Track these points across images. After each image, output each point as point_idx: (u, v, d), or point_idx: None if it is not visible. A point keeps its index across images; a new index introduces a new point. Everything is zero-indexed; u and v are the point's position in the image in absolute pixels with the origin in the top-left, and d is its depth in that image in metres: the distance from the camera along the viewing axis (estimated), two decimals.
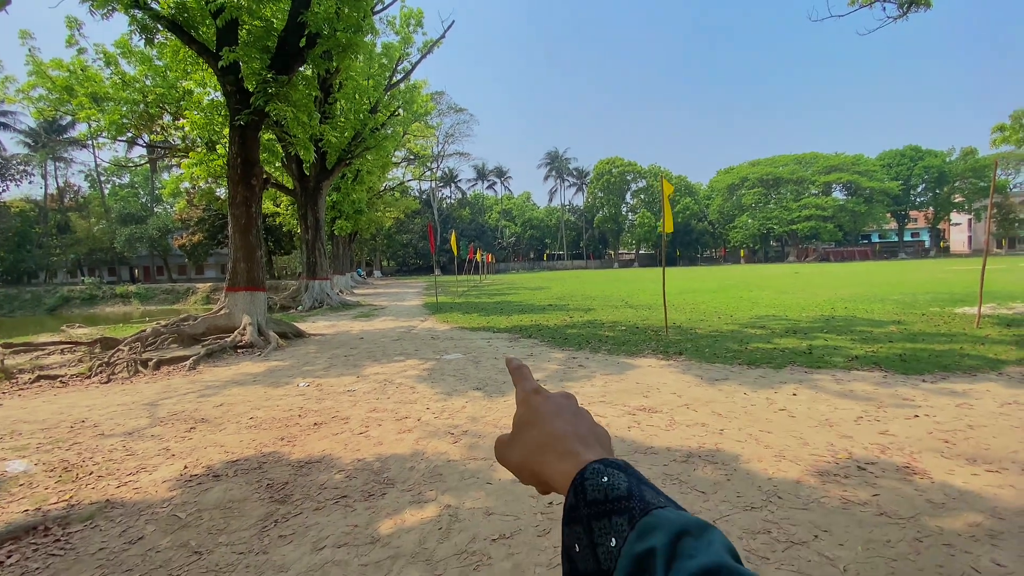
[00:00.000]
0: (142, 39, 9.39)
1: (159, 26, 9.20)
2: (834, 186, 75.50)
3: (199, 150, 15.09)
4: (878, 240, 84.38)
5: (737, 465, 3.38)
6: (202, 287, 39.77)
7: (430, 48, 18.38)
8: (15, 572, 2.50)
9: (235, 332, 9.17)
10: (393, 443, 4.07)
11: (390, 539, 2.65)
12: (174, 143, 16.88)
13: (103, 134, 14.03)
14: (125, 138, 15.27)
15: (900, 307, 11.63)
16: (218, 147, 14.80)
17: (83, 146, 51.89)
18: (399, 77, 19.21)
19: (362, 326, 12.29)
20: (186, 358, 7.84)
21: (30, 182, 51.93)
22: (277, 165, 18.28)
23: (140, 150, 20.56)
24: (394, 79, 18.96)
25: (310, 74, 11.87)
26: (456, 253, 22.47)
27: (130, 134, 15.09)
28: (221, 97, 12.19)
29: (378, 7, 13.36)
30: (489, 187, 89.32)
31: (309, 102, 10.63)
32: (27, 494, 3.35)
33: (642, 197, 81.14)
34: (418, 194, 70.95)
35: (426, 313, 14.98)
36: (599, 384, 5.63)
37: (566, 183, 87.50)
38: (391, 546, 2.59)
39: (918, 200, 75.81)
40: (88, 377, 7.09)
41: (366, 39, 9.95)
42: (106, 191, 58.23)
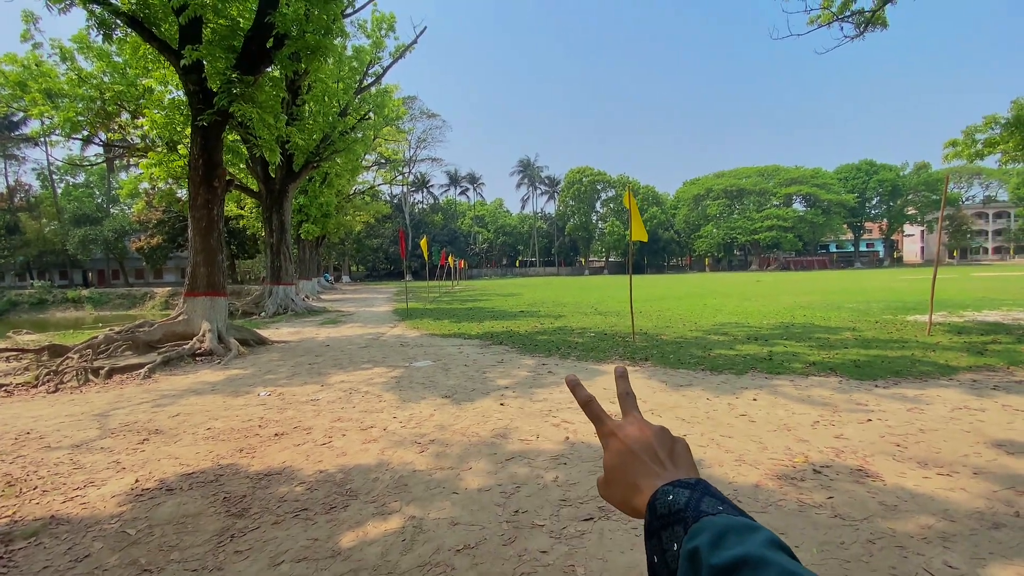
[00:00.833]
0: (100, 35, 9.04)
1: (118, 22, 8.88)
2: (794, 198, 78.59)
3: (159, 150, 14.58)
4: (835, 250, 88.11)
5: (699, 470, 3.45)
6: (160, 292, 38.27)
7: (402, 53, 18.30)
8: None
9: (194, 339, 8.85)
10: (357, 453, 4.00)
11: (351, 552, 2.60)
12: (133, 142, 16.26)
13: (57, 131, 13.43)
14: (80, 136, 14.63)
15: (855, 315, 12.14)
16: (179, 147, 14.33)
17: (35, 144, 49.33)
18: (370, 81, 19.02)
19: (328, 333, 12.05)
20: (141, 366, 7.51)
21: None
22: (241, 167, 17.81)
23: (96, 149, 19.72)
24: (365, 82, 18.77)
25: (277, 75, 11.64)
26: (428, 258, 22.29)
27: (86, 132, 14.48)
28: (183, 96, 11.82)
29: (348, 10, 13.24)
30: (462, 193, 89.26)
31: (276, 103, 10.42)
32: None
33: (611, 206, 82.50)
34: (389, 199, 70.29)
35: (395, 319, 14.80)
36: (567, 391, 5.66)
37: (538, 191, 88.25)
38: (352, 560, 2.54)
39: (873, 212, 79.62)
40: (35, 386, 6.72)
41: (336, 42, 9.84)
42: (59, 191, 55.51)
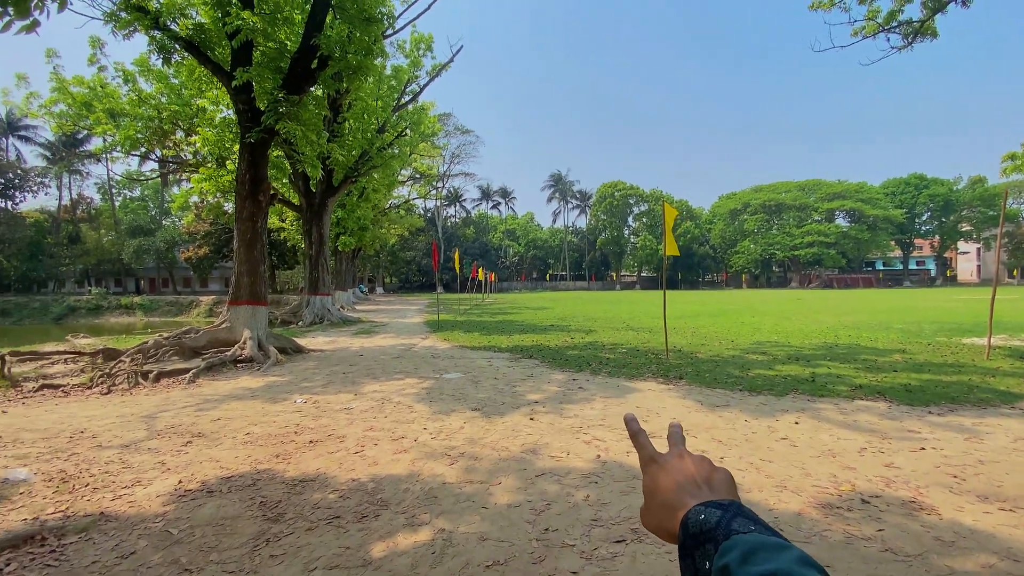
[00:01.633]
0: (160, 58, 9.66)
1: (177, 46, 9.46)
2: (837, 213, 75.84)
3: (209, 165, 15.35)
4: (882, 268, 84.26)
5: (738, 494, 3.33)
6: (205, 299, 39.98)
7: (438, 71, 18.77)
8: None
9: (236, 346, 9.18)
10: (389, 463, 4.04)
11: (382, 562, 2.62)
12: (185, 158, 17.19)
13: (117, 148, 14.32)
14: (138, 153, 15.57)
15: (905, 336, 11.55)
16: (228, 163, 15.05)
17: (98, 160, 52.76)
18: (407, 99, 19.58)
19: (362, 343, 12.29)
20: (186, 371, 7.84)
21: (46, 194, 52.73)
22: (284, 181, 18.54)
23: (152, 164, 20.93)
24: (402, 100, 19.33)
25: (320, 94, 12.14)
26: (459, 271, 22.56)
27: (143, 149, 15.39)
28: (233, 115, 12.44)
29: (389, 31, 13.70)
30: (494, 207, 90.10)
31: (318, 121, 10.84)
32: (26, 503, 3.34)
33: (644, 220, 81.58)
34: (423, 212, 71.59)
35: (427, 331, 14.98)
36: (599, 407, 5.60)
37: (569, 205, 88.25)
38: (383, 570, 2.55)
39: (923, 228, 75.97)
40: (89, 388, 7.10)
41: (376, 62, 10.19)
42: (117, 203, 59.03)
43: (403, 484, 3.61)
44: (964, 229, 72.30)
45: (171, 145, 16.44)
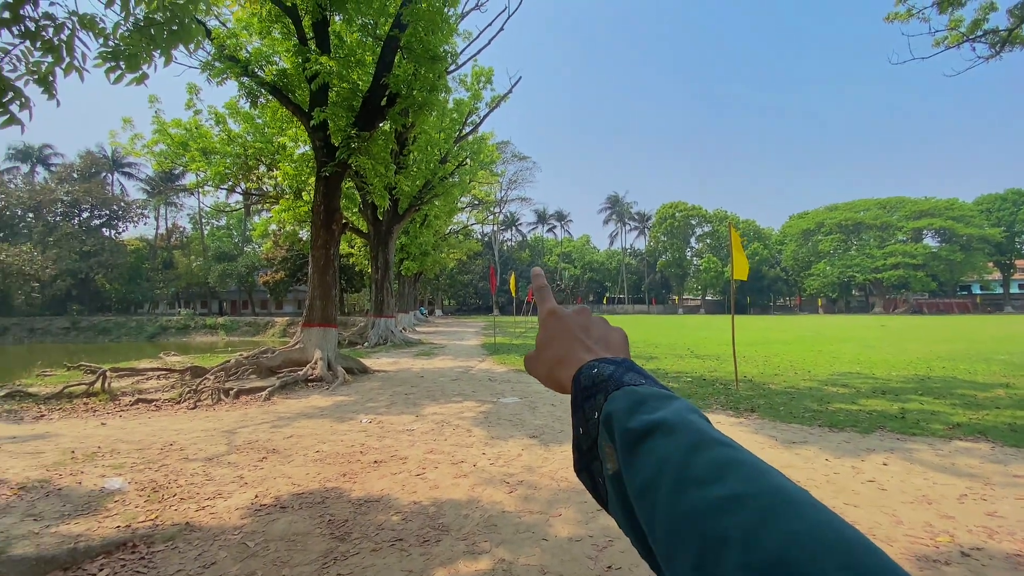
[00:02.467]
0: (248, 101, 10.64)
1: (263, 90, 10.40)
2: (925, 232, 69.92)
3: (288, 197, 16.56)
4: (980, 292, 76.26)
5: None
6: (280, 321, 42.58)
7: (498, 103, 19.38)
8: None
9: (307, 366, 9.69)
10: (449, 488, 4.08)
11: None
12: (266, 191, 18.64)
13: (208, 183, 15.75)
14: (226, 186, 17.06)
15: (1009, 368, 10.35)
16: (304, 194, 16.17)
17: (190, 193, 58.37)
18: (468, 129, 20.30)
19: (423, 364, 12.59)
20: (263, 389, 8.35)
21: (145, 223, 58.95)
22: (354, 210, 19.63)
23: (237, 196, 22.82)
24: (463, 131, 20.07)
25: (388, 129, 12.85)
26: (515, 294, 22.72)
27: (230, 183, 16.84)
28: (310, 151, 13.41)
29: (452, 68, 14.36)
30: (549, 230, 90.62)
31: (386, 154, 11.48)
32: (120, 511, 3.65)
33: (708, 242, 78.99)
34: (480, 237, 73.13)
35: (484, 353, 15.12)
36: None
37: (627, 227, 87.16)
38: None
39: None
40: (178, 403, 7.72)
41: (440, 97, 10.69)
42: (206, 232, 64.77)
43: (463, 510, 3.63)
44: None
45: (254, 179, 17.90)
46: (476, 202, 38.75)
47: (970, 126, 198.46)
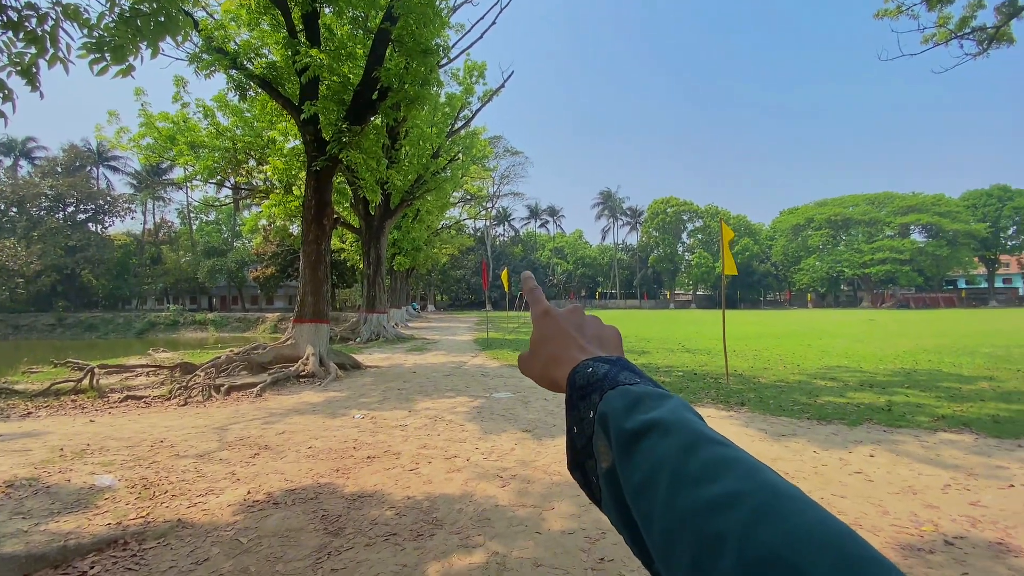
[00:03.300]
0: (237, 94, 10.51)
1: (252, 83, 10.28)
2: (912, 228, 70.81)
3: (278, 192, 16.41)
4: (965, 286, 77.40)
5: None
6: (271, 316, 42.27)
7: (490, 97, 19.29)
8: None
9: (299, 362, 9.64)
10: (442, 482, 4.09)
11: None
12: (256, 185, 18.46)
13: (197, 177, 15.55)
14: (215, 180, 16.87)
15: (992, 361, 10.54)
16: (294, 189, 16.04)
17: (179, 187, 57.70)
18: (460, 124, 20.20)
19: (415, 360, 12.57)
20: (254, 385, 8.30)
21: (132, 218, 58.14)
22: (346, 205, 19.50)
23: (226, 191, 22.56)
24: (456, 126, 19.97)
25: (379, 123, 12.75)
26: (507, 289, 22.72)
27: (219, 177, 16.65)
28: (300, 145, 13.29)
29: (444, 61, 14.27)
30: (542, 225, 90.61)
31: (378, 149, 11.40)
32: (111, 508, 3.62)
33: (699, 237, 79.44)
34: (473, 232, 72.96)
35: (476, 349, 15.12)
36: None
37: (619, 222, 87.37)
38: None
39: (1009, 243, 69.50)
40: (168, 399, 7.66)
41: (432, 91, 10.63)
42: (194, 227, 64.02)
43: (456, 504, 3.65)
44: None
45: (244, 173, 17.71)
46: (469, 197, 38.66)
47: (958, 122, 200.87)
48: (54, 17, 3.60)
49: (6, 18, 3.42)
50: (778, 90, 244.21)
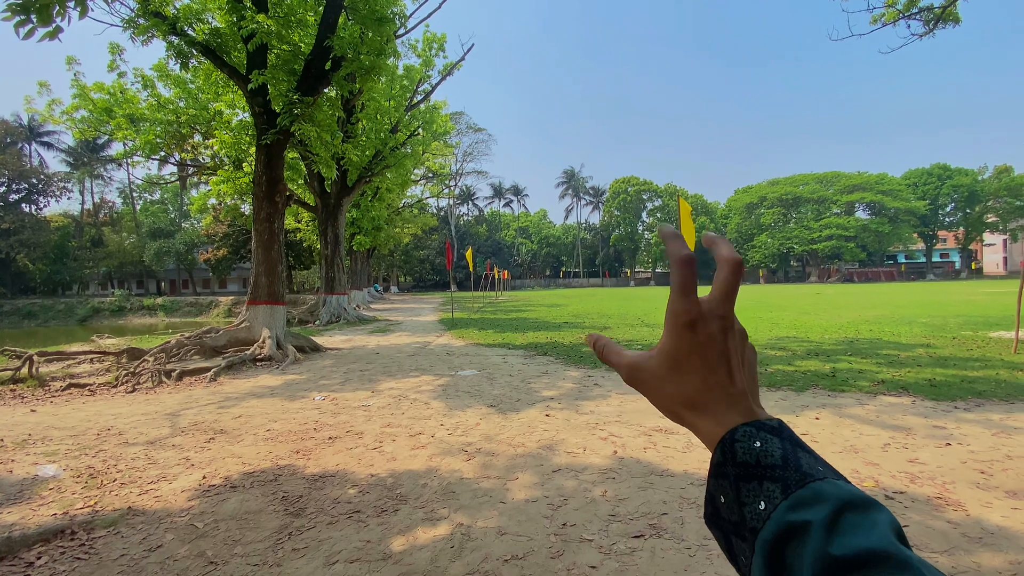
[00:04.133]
0: (178, 63, 9.83)
1: (194, 51, 9.62)
2: (857, 206, 74.36)
3: (227, 168, 15.60)
4: (905, 261, 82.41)
5: None
6: (224, 300, 40.64)
7: (450, 70, 18.82)
8: (44, 573, 2.57)
9: (255, 345, 9.33)
10: (407, 459, 4.08)
11: (402, 556, 2.65)
12: (203, 161, 17.48)
13: (138, 153, 14.59)
14: (158, 157, 15.87)
15: (929, 330, 11.30)
16: (244, 165, 15.28)
17: (119, 164, 54.01)
18: (420, 98, 19.67)
19: (378, 341, 12.40)
20: (207, 370, 7.99)
21: (69, 198, 54.28)
22: (300, 182, 18.76)
23: (171, 168, 21.31)
24: (415, 100, 19.42)
25: (334, 95, 12.24)
26: (472, 269, 22.64)
27: (163, 153, 15.67)
28: (249, 118, 12.61)
29: (401, 31, 13.76)
30: (506, 205, 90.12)
31: (332, 122, 10.95)
32: (56, 498, 3.44)
33: (658, 216, 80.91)
34: (436, 211, 71.87)
35: (442, 329, 15.05)
36: (615, 403, 5.58)
37: (582, 201, 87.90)
38: (403, 563, 2.58)
39: (947, 220, 74.08)
40: (115, 386, 7.28)
41: (389, 62, 10.26)
42: (138, 207, 60.31)
43: (421, 479, 3.65)
44: (990, 220, 70.29)
45: (189, 148, 16.73)
46: (430, 175, 37.90)
47: (902, 105, 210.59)
48: None
49: None
50: (736, 69, 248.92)
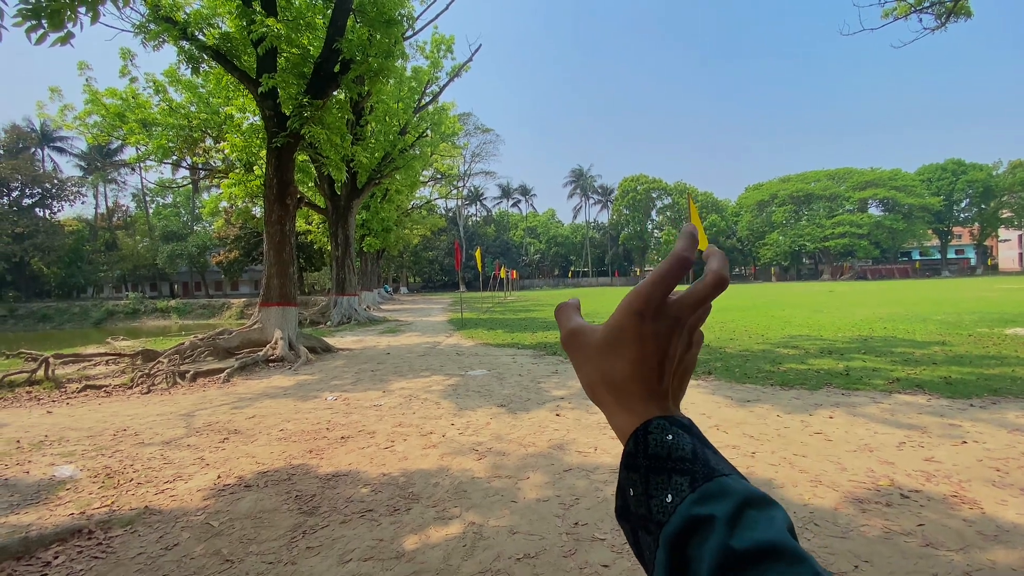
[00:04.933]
0: (189, 68, 9.95)
1: (205, 56, 9.74)
2: (870, 202, 73.38)
3: (238, 171, 15.75)
4: (919, 258, 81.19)
5: (770, 489, 3.28)
6: (236, 302, 41.07)
7: (458, 71, 18.85)
8: (61, 573, 2.61)
9: (267, 346, 9.42)
10: (418, 458, 4.10)
11: (415, 554, 2.66)
12: (215, 165, 17.68)
13: (150, 157, 14.78)
14: (170, 161, 16.06)
15: (944, 327, 11.13)
16: (255, 168, 15.43)
17: (132, 169, 54.84)
18: (428, 100, 19.72)
19: (388, 341, 12.46)
20: (221, 371, 8.08)
21: (83, 203, 55.14)
22: (310, 185, 18.90)
23: (183, 172, 21.56)
24: (423, 101, 19.48)
25: (343, 98, 12.32)
26: (481, 270, 22.66)
27: (175, 157, 15.86)
28: (260, 121, 12.75)
29: (408, 33, 13.82)
30: (514, 205, 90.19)
31: (342, 124, 11.01)
32: (73, 498, 3.50)
33: (668, 214, 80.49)
34: (444, 212, 72.07)
35: (451, 329, 15.09)
36: None
37: (591, 200, 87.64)
38: (416, 562, 2.60)
39: (962, 216, 72.91)
40: (130, 388, 7.39)
41: (397, 64, 10.31)
42: (151, 210, 61.16)
43: (433, 478, 3.66)
44: (1005, 216, 69.05)
45: (201, 152, 16.92)
46: (439, 176, 38.02)
47: (915, 101, 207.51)
48: None
49: None
50: (746, 64, 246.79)
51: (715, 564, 0.31)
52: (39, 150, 54.18)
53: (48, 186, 48.91)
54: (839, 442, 4.10)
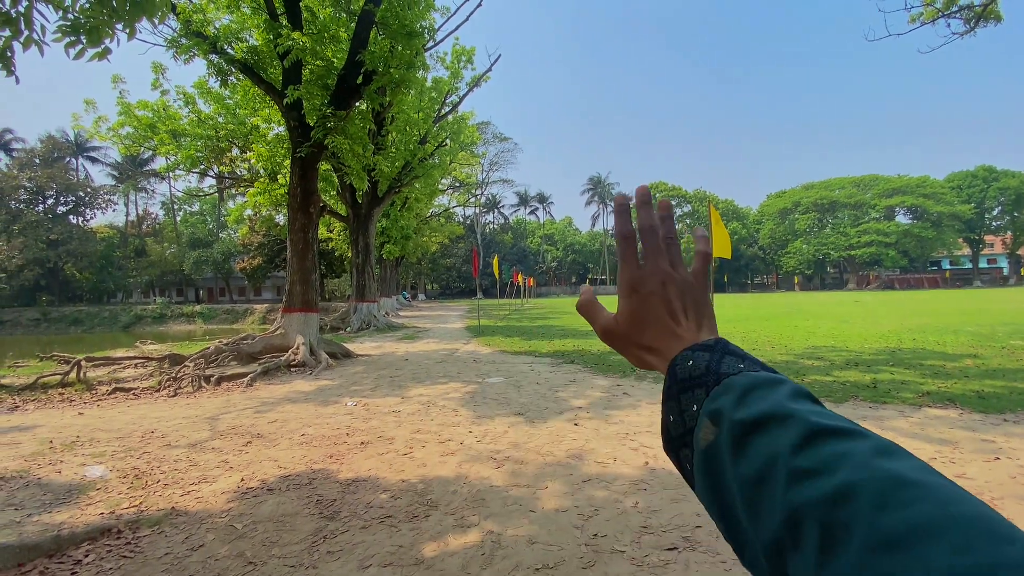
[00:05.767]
0: (217, 81, 10.27)
1: (233, 68, 10.04)
2: (897, 210, 71.60)
3: (263, 180, 16.15)
4: (949, 267, 78.76)
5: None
6: (259, 308, 41.91)
7: (477, 81, 19.04)
8: (91, 571, 2.69)
9: (289, 351, 9.58)
10: (436, 465, 4.12)
11: (434, 562, 2.67)
12: (241, 174, 18.16)
13: (179, 167, 15.24)
14: (198, 170, 16.55)
15: (976, 339, 10.76)
16: (280, 177, 15.79)
17: (161, 177, 56.56)
18: (447, 109, 19.96)
19: (407, 348, 12.56)
20: (244, 375, 8.25)
21: (114, 210, 56.98)
22: (332, 193, 19.25)
23: (210, 180, 22.16)
24: (443, 111, 19.73)
25: (365, 108, 12.55)
26: (498, 277, 22.73)
27: (202, 166, 16.34)
28: (284, 131, 13.05)
29: (429, 44, 14.05)
30: (531, 212, 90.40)
31: (364, 135, 11.22)
32: (103, 498, 3.60)
33: (687, 222, 79.67)
34: (462, 219, 72.54)
35: (468, 336, 15.14)
36: (645, 413, 5.50)
37: (608, 208, 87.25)
38: (435, 569, 2.61)
39: (994, 224, 70.65)
40: (158, 390, 7.59)
41: (418, 75, 10.48)
42: (178, 218, 62.98)
43: (451, 486, 3.67)
44: None
45: (227, 162, 17.41)
46: (457, 184, 38.35)
47: (945, 104, 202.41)
48: None
49: None
50: (767, 72, 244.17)
51: (727, 439, 0.38)
52: (73, 160, 56.36)
53: (81, 194, 50.78)
54: None
